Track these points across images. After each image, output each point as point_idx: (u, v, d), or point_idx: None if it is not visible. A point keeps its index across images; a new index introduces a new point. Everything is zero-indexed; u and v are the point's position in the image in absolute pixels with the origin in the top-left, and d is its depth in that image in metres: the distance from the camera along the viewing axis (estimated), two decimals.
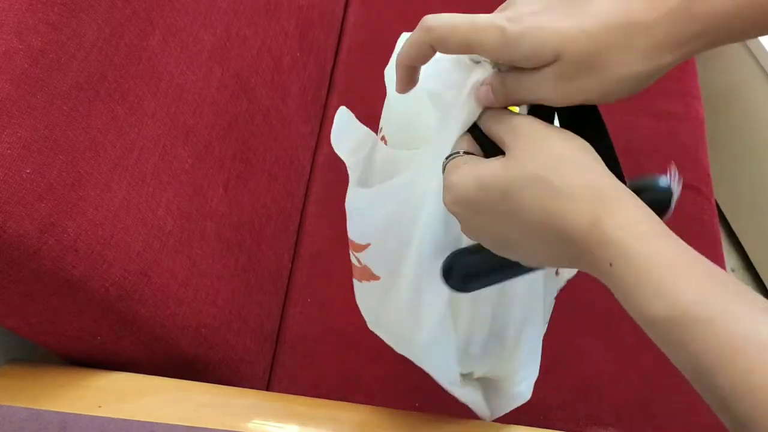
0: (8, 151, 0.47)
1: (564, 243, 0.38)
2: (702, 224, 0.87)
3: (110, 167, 0.56)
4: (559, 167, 0.38)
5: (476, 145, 0.44)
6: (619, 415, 0.75)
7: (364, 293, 0.59)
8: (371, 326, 0.60)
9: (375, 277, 0.55)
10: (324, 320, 0.81)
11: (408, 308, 0.51)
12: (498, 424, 0.64)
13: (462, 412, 0.65)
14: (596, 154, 0.40)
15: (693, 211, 0.88)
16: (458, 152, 0.43)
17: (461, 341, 0.55)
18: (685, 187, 0.91)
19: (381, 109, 1.01)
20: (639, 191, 0.39)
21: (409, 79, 0.45)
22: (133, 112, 0.59)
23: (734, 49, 1.17)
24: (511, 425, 0.65)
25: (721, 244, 0.88)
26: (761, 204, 1.22)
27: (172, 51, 0.64)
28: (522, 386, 0.61)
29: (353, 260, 0.57)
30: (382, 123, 0.56)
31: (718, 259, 0.86)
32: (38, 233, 0.48)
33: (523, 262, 0.42)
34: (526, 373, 0.60)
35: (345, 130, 0.52)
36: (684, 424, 0.75)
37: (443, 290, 0.47)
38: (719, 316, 0.33)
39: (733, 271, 1.33)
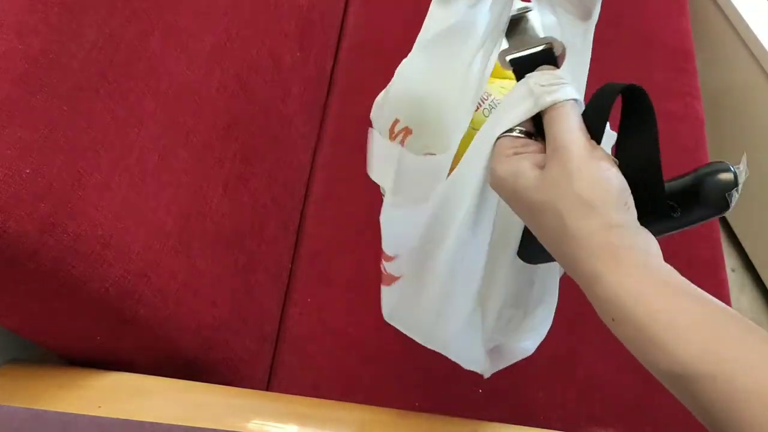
0: (8, 151, 0.47)
1: (575, 276, 0.40)
2: (702, 224, 0.87)
3: (110, 167, 0.56)
4: (579, 209, 0.39)
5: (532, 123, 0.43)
6: (619, 415, 0.75)
7: (387, 294, 0.61)
8: (387, 318, 0.61)
9: (396, 278, 0.57)
10: (324, 320, 0.81)
11: (436, 305, 0.54)
12: (498, 424, 0.64)
13: (462, 412, 0.65)
14: (625, 195, 0.40)
15: None
16: (513, 130, 0.43)
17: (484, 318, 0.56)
18: None
19: None
20: (703, 177, 0.39)
21: None
22: (133, 112, 0.59)
23: (734, 49, 1.17)
24: (511, 425, 0.65)
25: (721, 244, 0.88)
26: (761, 204, 1.22)
27: (172, 51, 0.64)
28: (527, 342, 0.61)
29: (382, 268, 0.59)
30: (397, 115, 0.55)
31: (718, 259, 0.86)
32: (38, 233, 0.48)
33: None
34: (534, 333, 0.61)
35: (374, 149, 0.53)
36: (684, 424, 0.75)
37: (472, 287, 0.50)
38: (722, 372, 0.33)
39: (733, 271, 1.33)
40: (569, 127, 0.41)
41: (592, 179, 0.39)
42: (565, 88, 0.42)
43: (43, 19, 0.50)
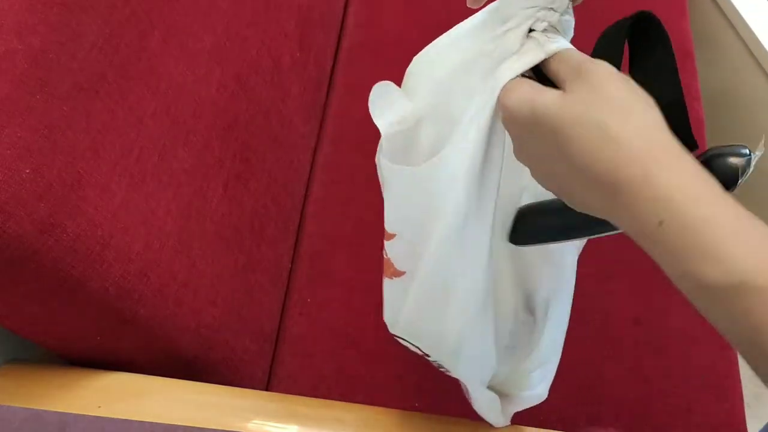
0: (8, 151, 0.47)
1: (609, 192, 0.36)
2: None
3: (110, 167, 0.56)
4: (618, 113, 0.36)
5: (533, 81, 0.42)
6: (619, 415, 0.75)
7: (389, 292, 0.56)
8: (391, 329, 0.56)
9: (398, 273, 0.53)
10: (324, 320, 0.81)
11: (438, 302, 0.49)
12: (498, 424, 0.64)
13: (461, 412, 0.65)
14: (658, 110, 0.37)
15: None
16: (517, 76, 0.41)
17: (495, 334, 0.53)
18: None
19: None
20: (715, 156, 0.37)
21: None
22: (133, 112, 0.59)
23: (734, 49, 1.17)
24: (511, 425, 0.65)
25: None
26: (761, 204, 1.22)
27: (172, 51, 0.64)
28: (539, 388, 0.59)
29: (384, 252, 0.54)
30: (420, 112, 0.50)
31: None
32: (38, 233, 0.48)
33: (564, 199, 0.41)
34: (544, 373, 0.58)
35: (386, 101, 0.49)
36: (684, 424, 0.75)
37: (478, 273, 0.46)
38: None
39: None
40: (586, 57, 0.39)
41: (628, 87, 0.37)
42: (565, 41, 0.42)
43: (43, 19, 0.50)
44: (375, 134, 0.54)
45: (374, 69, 1.02)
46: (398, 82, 0.59)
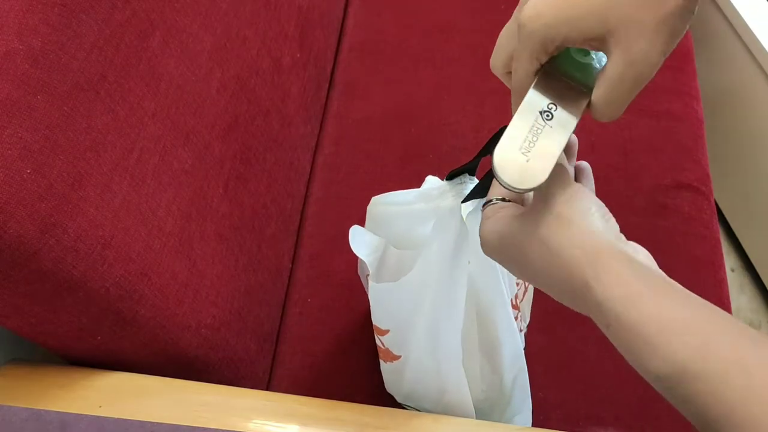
0: (9, 152, 0.47)
1: (571, 297, 0.41)
2: (702, 224, 0.87)
3: (110, 168, 0.56)
4: (558, 230, 0.40)
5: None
6: (619, 415, 0.75)
7: (389, 373, 0.69)
8: (400, 399, 0.72)
9: (395, 357, 0.64)
10: (324, 320, 0.81)
11: (430, 378, 0.62)
12: (498, 424, 0.64)
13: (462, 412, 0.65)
14: (601, 211, 0.42)
15: (692, 211, 0.88)
16: (492, 200, 0.46)
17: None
18: (685, 187, 0.91)
19: (380, 110, 1.02)
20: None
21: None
22: (134, 112, 0.59)
23: (734, 49, 1.17)
24: (511, 425, 0.65)
25: (720, 244, 0.88)
26: (761, 204, 1.22)
27: (173, 52, 0.64)
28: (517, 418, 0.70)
29: (378, 342, 0.66)
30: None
31: (717, 259, 0.86)
32: (38, 234, 0.48)
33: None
34: (523, 419, 0.70)
35: (362, 238, 0.61)
36: (684, 424, 0.74)
37: (456, 360, 0.59)
38: (717, 371, 0.33)
39: (732, 271, 1.33)
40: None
41: (568, 199, 0.41)
42: None
43: (44, 19, 0.50)
44: (375, 134, 0.55)
45: (374, 69, 1.02)
46: (398, 82, 0.61)
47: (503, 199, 0.46)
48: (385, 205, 0.62)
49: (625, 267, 0.38)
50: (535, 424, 0.72)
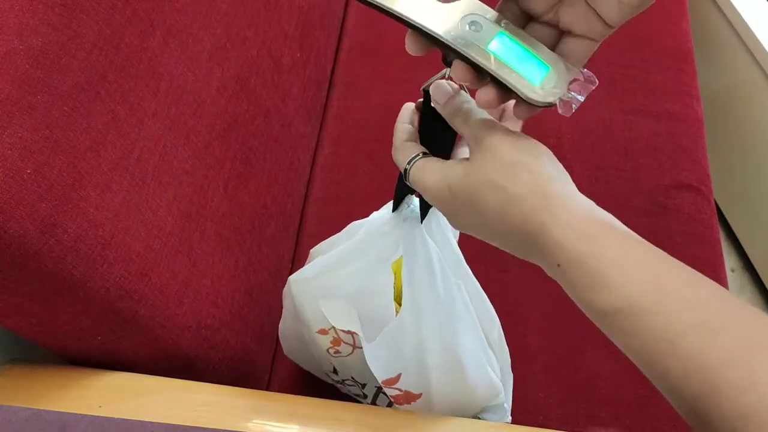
0: (9, 152, 0.47)
1: (522, 242, 0.42)
2: (702, 224, 0.87)
3: (111, 167, 0.56)
4: (512, 173, 0.41)
5: (419, 146, 0.49)
6: (619, 415, 0.75)
7: (414, 407, 0.67)
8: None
9: (416, 396, 0.64)
10: None
11: (458, 390, 0.63)
12: (497, 424, 0.64)
13: None
14: (551, 158, 0.43)
15: (692, 211, 0.88)
16: (417, 155, 0.47)
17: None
18: (685, 187, 0.91)
19: (380, 110, 1.02)
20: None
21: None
22: (134, 112, 0.59)
23: (734, 49, 1.17)
24: (512, 425, 0.65)
25: (720, 244, 0.88)
26: (761, 204, 1.22)
27: (173, 52, 0.64)
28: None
29: (392, 394, 0.65)
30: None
31: (717, 259, 0.86)
32: (39, 233, 0.48)
33: (498, 246, 0.46)
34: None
35: (334, 310, 0.62)
36: (684, 424, 0.75)
37: (481, 362, 0.62)
38: (667, 306, 0.35)
39: (732, 271, 1.33)
40: (482, 125, 0.45)
41: (518, 145, 0.42)
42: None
43: (44, 19, 0.50)
44: (375, 134, 0.55)
45: (374, 69, 1.02)
46: (398, 82, 0.60)
47: (425, 153, 0.47)
48: (329, 273, 0.63)
49: (579, 209, 0.40)
50: (535, 424, 0.72)
